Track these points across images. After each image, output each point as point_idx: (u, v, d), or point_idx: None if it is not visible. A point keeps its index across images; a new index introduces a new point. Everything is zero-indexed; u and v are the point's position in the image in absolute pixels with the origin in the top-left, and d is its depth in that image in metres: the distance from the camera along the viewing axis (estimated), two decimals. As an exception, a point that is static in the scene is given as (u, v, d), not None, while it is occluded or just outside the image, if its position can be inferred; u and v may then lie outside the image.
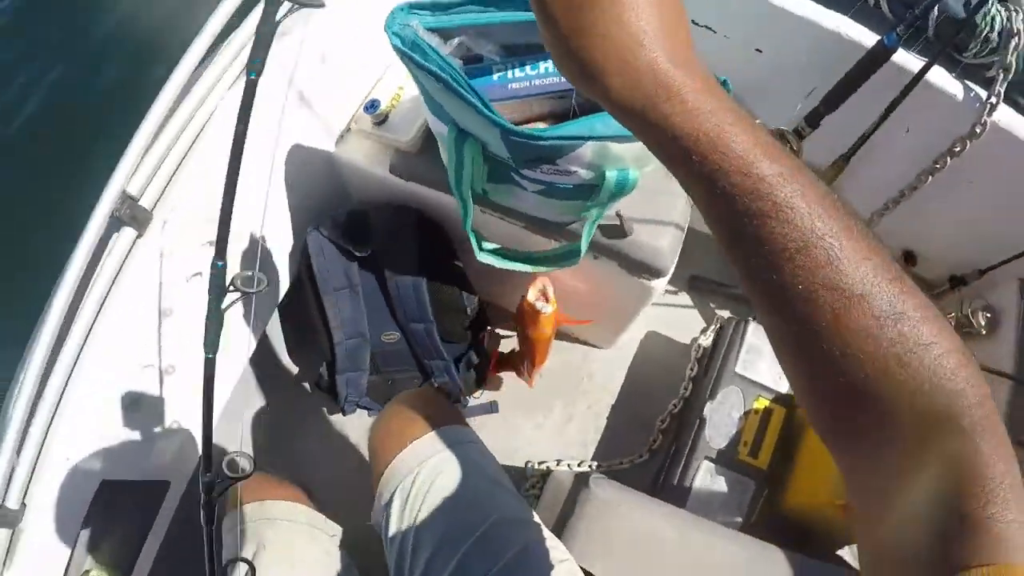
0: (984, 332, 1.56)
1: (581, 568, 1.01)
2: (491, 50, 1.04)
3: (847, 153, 1.39)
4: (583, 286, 1.44)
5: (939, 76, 1.29)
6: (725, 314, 1.88)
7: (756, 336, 1.63)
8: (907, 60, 1.27)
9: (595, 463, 1.70)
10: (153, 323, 1.14)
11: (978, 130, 1.30)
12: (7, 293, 1.76)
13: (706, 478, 1.51)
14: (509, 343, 1.74)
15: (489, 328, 1.50)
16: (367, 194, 1.44)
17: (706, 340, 1.83)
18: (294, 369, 1.77)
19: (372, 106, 1.30)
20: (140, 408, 1.17)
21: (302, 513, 1.14)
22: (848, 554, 1.64)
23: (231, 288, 0.76)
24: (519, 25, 1.01)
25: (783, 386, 1.60)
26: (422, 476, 1.01)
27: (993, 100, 1.28)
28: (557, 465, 1.67)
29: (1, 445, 0.88)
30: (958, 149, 1.34)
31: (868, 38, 1.28)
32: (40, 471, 0.96)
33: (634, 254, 1.26)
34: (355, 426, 1.71)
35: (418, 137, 1.28)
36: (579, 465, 1.68)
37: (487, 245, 1.21)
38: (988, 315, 1.56)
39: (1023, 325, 1.51)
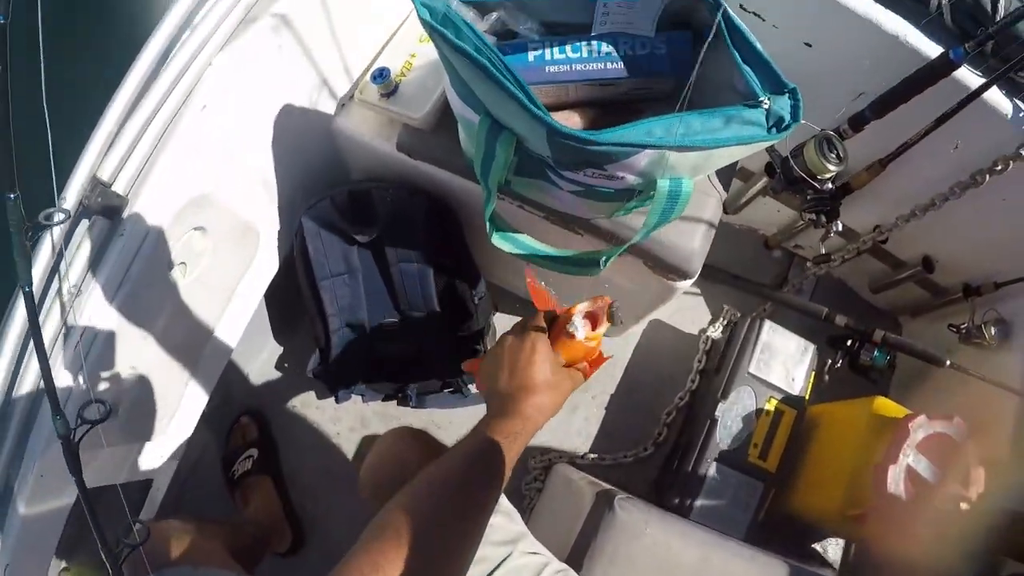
0: (994, 345, 1.52)
1: None
2: (529, 27, 0.92)
3: (885, 158, 1.32)
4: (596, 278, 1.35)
5: (992, 94, 1.22)
6: (733, 307, 1.81)
7: (771, 335, 1.56)
8: (965, 75, 1.19)
9: (599, 456, 1.64)
10: (133, 324, 1.02)
11: (1023, 152, 1.23)
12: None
13: (716, 478, 1.46)
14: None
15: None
16: (368, 170, 1.30)
17: (715, 332, 1.76)
18: (279, 350, 1.65)
19: (381, 75, 1.15)
20: (120, 410, 1.06)
21: None
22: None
23: (80, 423, 0.66)
24: (565, 2, 0.89)
25: (795, 387, 1.54)
26: None
27: (1044, 124, 1.22)
28: (560, 458, 1.61)
29: None
30: (999, 168, 1.28)
31: (928, 48, 1.19)
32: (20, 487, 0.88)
33: (664, 255, 1.17)
34: (349, 412, 1.62)
35: (432, 114, 1.14)
36: (582, 458, 1.62)
37: (503, 232, 1.09)
38: (1000, 328, 1.53)
39: None
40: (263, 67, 1.06)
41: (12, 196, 0.57)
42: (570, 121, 0.97)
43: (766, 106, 0.81)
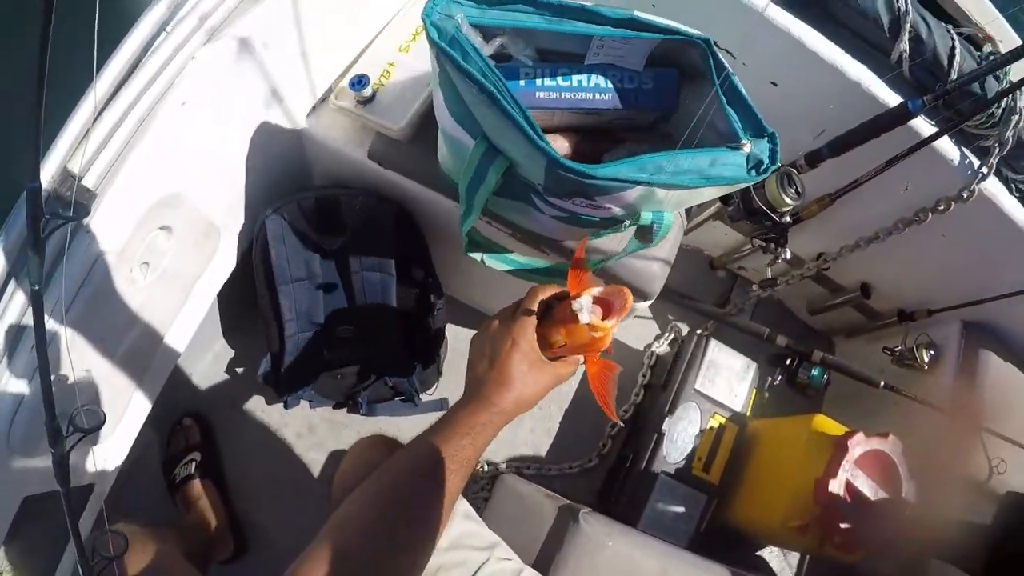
0: (926, 367, 1.63)
1: None
2: (527, 54, 0.93)
3: (836, 193, 1.40)
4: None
5: (943, 142, 1.31)
6: (680, 323, 1.87)
7: (716, 353, 1.63)
8: (919, 124, 1.28)
9: (544, 466, 1.67)
10: (91, 326, 0.97)
11: (965, 195, 1.35)
12: None
13: (662, 490, 1.51)
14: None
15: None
16: (332, 175, 1.28)
17: (659, 347, 1.82)
18: (226, 351, 1.60)
19: (360, 82, 1.13)
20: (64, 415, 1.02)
21: None
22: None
23: (70, 431, 0.64)
24: (565, 35, 0.90)
25: (737, 404, 1.61)
26: None
27: (984, 170, 1.34)
28: (506, 468, 1.63)
29: None
30: (942, 208, 1.40)
31: (888, 96, 1.28)
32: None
33: (627, 277, 1.20)
34: (296, 417, 1.59)
35: (410, 125, 1.14)
36: (528, 468, 1.64)
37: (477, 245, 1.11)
38: (931, 352, 1.64)
39: (960, 365, 1.60)
40: (245, 64, 1.03)
41: (35, 185, 0.53)
42: (555, 144, 0.99)
43: (747, 149, 0.85)
